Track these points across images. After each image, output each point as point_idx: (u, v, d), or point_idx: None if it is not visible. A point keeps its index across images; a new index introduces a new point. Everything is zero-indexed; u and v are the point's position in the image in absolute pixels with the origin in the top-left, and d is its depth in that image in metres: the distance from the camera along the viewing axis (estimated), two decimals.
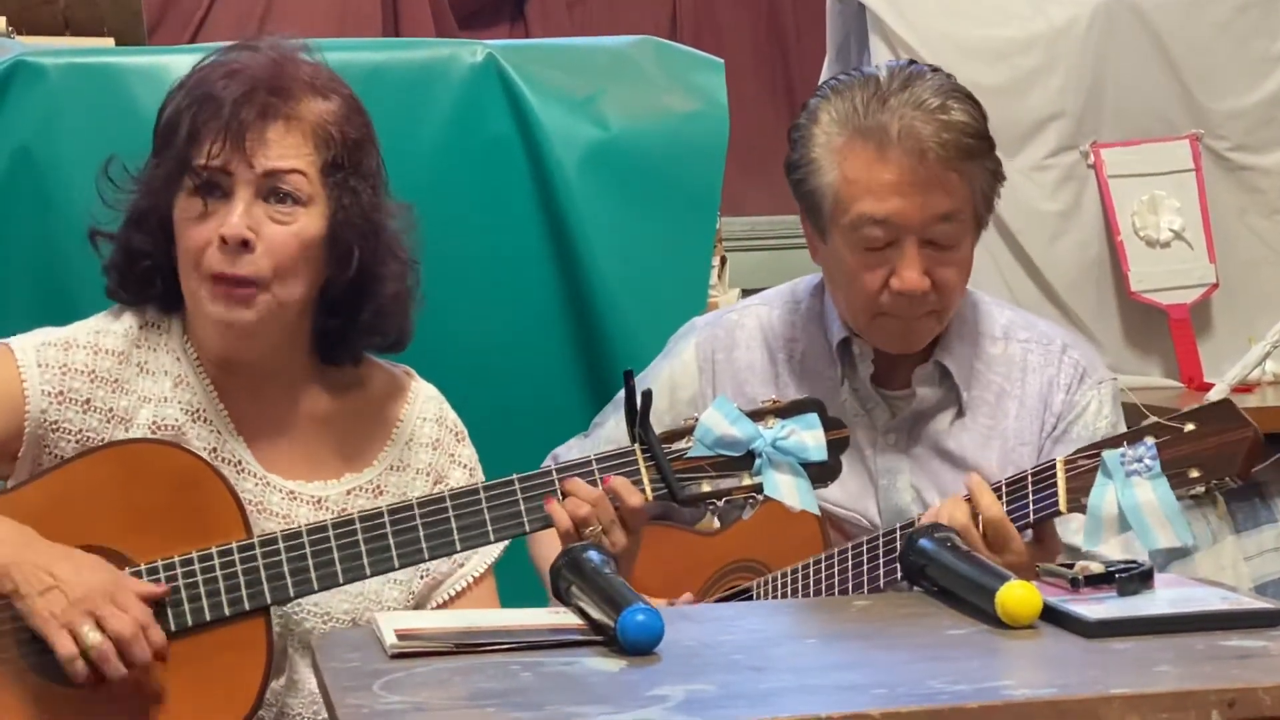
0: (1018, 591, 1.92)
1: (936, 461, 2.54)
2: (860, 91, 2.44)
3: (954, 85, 2.47)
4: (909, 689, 1.70)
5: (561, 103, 3.05)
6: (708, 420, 2.25)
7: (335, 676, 1.82)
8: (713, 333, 2.64)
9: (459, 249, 2.92)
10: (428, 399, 2.42)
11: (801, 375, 2.58)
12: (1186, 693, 1.68)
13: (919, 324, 2.48)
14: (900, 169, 2.40)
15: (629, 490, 2.23)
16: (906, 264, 2.42)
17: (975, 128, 2.44)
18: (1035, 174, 4.07)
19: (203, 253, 2.23)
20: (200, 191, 2.24)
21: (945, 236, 2.43)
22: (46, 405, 2.26)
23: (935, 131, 2.39)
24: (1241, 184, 4.19)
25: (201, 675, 2.17)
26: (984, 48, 4.06)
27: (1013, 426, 2.54)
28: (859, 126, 2.42)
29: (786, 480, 2.24)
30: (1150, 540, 2.20)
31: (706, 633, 1.98)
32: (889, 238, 2.42)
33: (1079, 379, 2.56)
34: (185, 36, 5.89)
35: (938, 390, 2.54)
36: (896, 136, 2.40)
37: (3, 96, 2.84)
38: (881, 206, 2.41)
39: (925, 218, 2.41)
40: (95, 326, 2.33)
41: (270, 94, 2.24)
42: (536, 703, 1.70)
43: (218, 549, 2.19)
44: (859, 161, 2.42)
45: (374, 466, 2.36)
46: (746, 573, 2.54)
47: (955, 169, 2.41)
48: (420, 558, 2.22)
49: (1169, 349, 4.08)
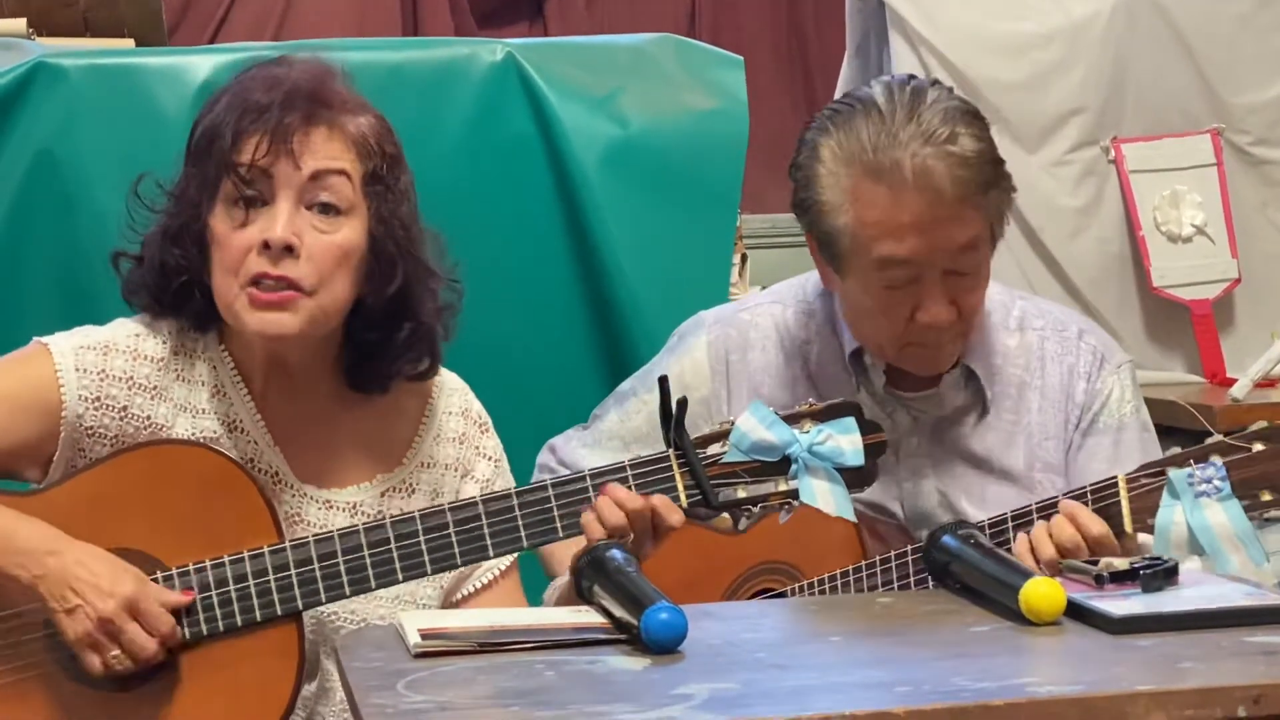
0: (1042, 588, 1.92)
1: (962, 465, 2.52)
2: (864, 124, 2.36)
3: (959, 106, 2.39)
4: (934, 686, 1.70)
5: (581, 101, 3.05)
6: (743, 425, 2.22)
7: (360, 676, 1.82)
8: (725, 331, 2.60)
9: (479, 248, 2.91)
10: (452, 391, 2.41)
11: (818, 379, 2.55)
12: (1212, 689, 1.67)
13: (947, 349, 2.45)
14: (917, 210, 2.33)
15: (669, 509, 2.20)
16: (932, 299, 2.37)
17: (987, 154, 2.37)
18: (1056, 170, 4.06)
19: (242, 260, 2.20)
20: (241, 201, 2.22)
21: (968, 264, 2.38)
22: (83, 410, 2.25)
23: (949, 169, 2.32)
24: (1263, 178, 4.19)
25: (233, 680, 2.17)
26: (1004, 43, 4.06)
27: (1036, 420, 2.52)
28: (868, 166, 2.35)
29: (823, 486, 2.21)
30: (1225, 564, 2.18)
31: (730, 631, 1.98)
32: (911, 275, 2.37)
33: (1099, 366, 2.54)
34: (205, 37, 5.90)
35: (964, 393, 2.52)
36: (911, 177, 2.32)
37: (24, 98, 2.85)
38: (902, 247, 2.35)
39: (947, 251, 2.36)
40: (135, 330, 2.31)
41: (312, 101, 2.23)
42: (560, 701, 1.70)
43: (249, 553, 2.19)
44: (873, 203, 2.35)
45: (404, 465, 2.36)
46: (776, 575, 2.51)
47: (974, 203, 2.35)
48: (452, 563, 2.22)
49: (1191, 344, 4.07)
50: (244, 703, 2.17)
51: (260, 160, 2.20)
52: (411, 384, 2.38)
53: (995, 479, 2.50)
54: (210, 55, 2.98)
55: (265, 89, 2.23)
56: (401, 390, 2.38)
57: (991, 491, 2.47)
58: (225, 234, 2.21)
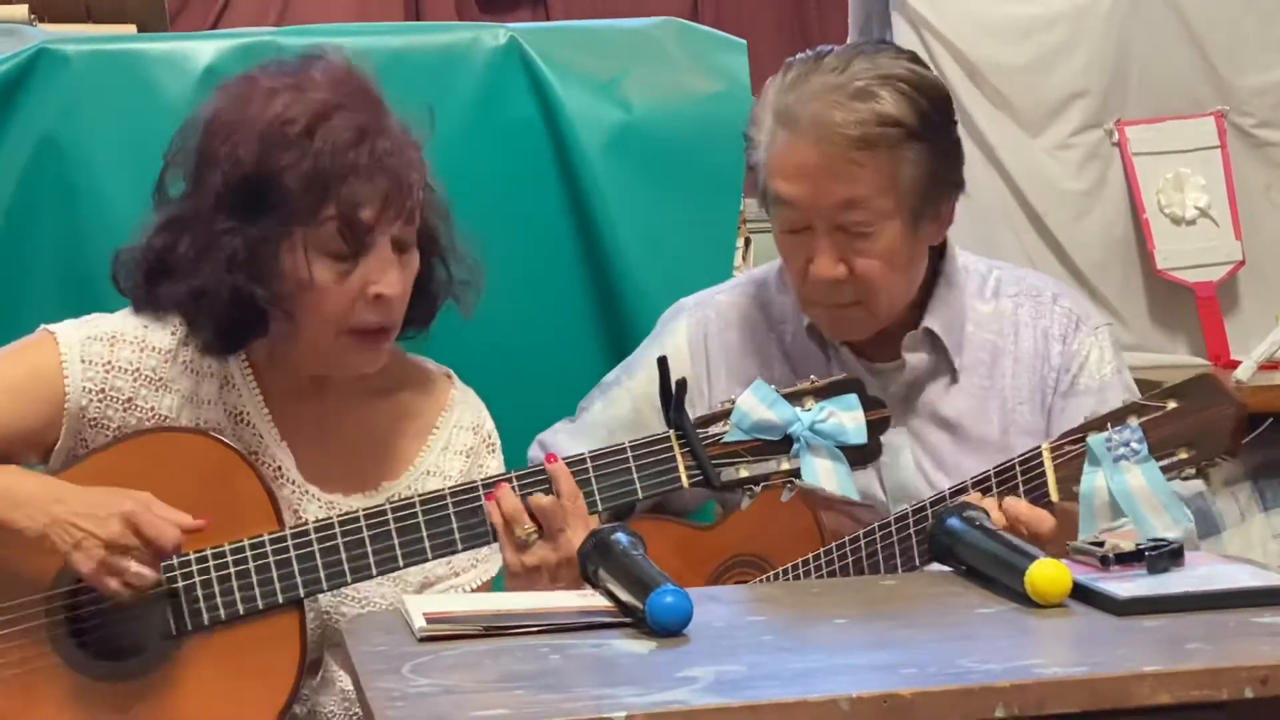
0: (1047, 570, 1.92)
1: (936, 431, 2.52)
2: (797, 70, 2.44)
3: (904, 73, 2.41)
4: (940, 668, 1.70)
5: (584, 85, 3.05)
6: (744, 404, 2.22)
7: (365, 660, 1.83)
8: (703, 314, 2.62)
9: (482, 233, 2.91)
10: (466, 406, 2.41)
11: (793, 354, 2.56)
12: (1218, 670, 1.67)
13: (845, 313, 2.46)
14: (804, 155, 2.39)
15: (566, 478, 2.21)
16: (821, 251, 2.41)
17: (896, 118, 2.37)
18: (1059, 153, 4.05)
19: (348, 310, 2.21)
20: (345, 252, 2.20)
21: (855, 224, 2.40)
22: (86, 402, 2.25)
23: (844, 119, 2.36)
24: (1267, 160, 4.17)
25: (236, 670, 2.18)
26: (1007, 25, 4.04)
27: (1010, 385, 2.52)
28: (778, 108, 2.42)
29: (825, 465, 2.21)
30: (1147, 528, 2.18)
31: (735, 614, 1.98)
32: (802, 222, 2.42)
33: (1074, 327, 2.54)
34: (207, 23, 5.90)
35: (929, 358, 2.52)
36: (802, 121, 2.39)
37: (26, 85, 2.85)
38: (789, 188, 2.41)
39: (830, 204, 2.39)
40: (144, 321, 2.30)
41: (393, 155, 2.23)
42: (565, 685, 1.70)
43: (249, 540, 2.19)
44: (776, 143, 2.42)
45: (410, 472, 2.35)
46: (748, 568, 2.51)
47: (858, 159, 2.37)
48: (454, 548, 2.22)
49: (1195, 327, 4.06)
50: (247, 692, 2.17)
51: (375, 220, 2.20)
52: (426, 392, 2.39)
53: (971, 445, 2.50)
54: (212, 41, 2.98)
55: (352, 140, 2.20)
56: (416, 398, 2.38)
57: (965, 458, 2.47)
58: (327, 284, 2.21)
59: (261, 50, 2.87)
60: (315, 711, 2.29)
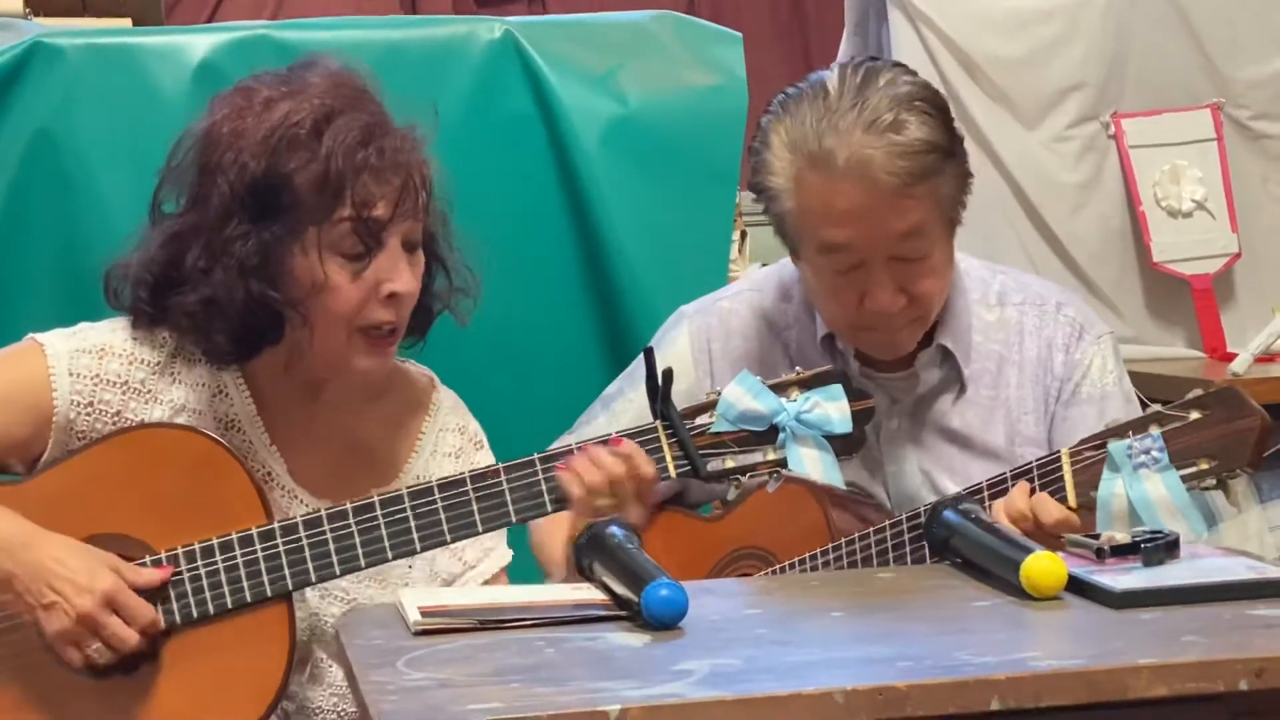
0: (1043, 563, 1.92)
1: (943, 443, 2.51)
2: (810, 110, 2.36)
3: (912, 91, 2.37)
4: (935, 661, 1.70)
5: (580, 79, 3.04)
6: (730, 395, 2.23)
7: (360, 654, 1.82)
8: (706, 321, 2.61)
9: (478, 226, 2.91)
10: (450, 409, 2.42)
11: (798, 363, 2.52)
12: (1214, 662, 1.67)
13: (902, 334, 2.45)
14: (853, 199, 2.33)
15: (644, 458, 2.21)
16: (878, 285, 2.37)
17: (932, 141, 2.34)
18: (1056, 145, 4.05)
19: (360, 308, 2.22)
20: (358, 251, 2.21)
21: (913, 251, 2.37)
22: (75, 415, 2.24)
23: (887, 158, 2.31)
24: (1263, 153, 4.17)
25: (224, 665, 2.17)
26: (1004, 19, 4.05)
27: (1014, 395, 2.51)
28: (808, 155, 2.35)
29: (811, 454, 2.22)
30: None
31: (731, 607, 1.98)
32: (854, 261, 2.37)
33: (1077, 336, 2.53)
34: (202, 16, 5.89)
35: (940, 371, 2.52)
36: (847, 166, 2.32)
37: (21, 78, 2.84)
38: (841, 233, 2.35)
39: (887, 238, 2.35)
40: (133, 334, 2.29)
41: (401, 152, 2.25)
42: (561, 678, 1.70)
43: (238, 535, 2.19)
44: (812, 190, 2.35)
45: (399, 479, 2.35)
46: (753, 560, 2.51)
47: (909, 193, 2.33)
48: (441, 540, 2.21)
49: (1192, 319, 4.06)
50: (235, 687, 2.16)
51: (389, 217, 2.21)
52: (412, 398, 2.40)
53: (977, 455, 2.49)
54: (208, 35, 2.97)
55: (360, 140, 2.21)
56: (402, 403, 2.39)
57: (974, 468, 2.47)
58: (341, 284, 2.21)
59: (257, 44, 2.87)
60: (304, 707, 2.29)
